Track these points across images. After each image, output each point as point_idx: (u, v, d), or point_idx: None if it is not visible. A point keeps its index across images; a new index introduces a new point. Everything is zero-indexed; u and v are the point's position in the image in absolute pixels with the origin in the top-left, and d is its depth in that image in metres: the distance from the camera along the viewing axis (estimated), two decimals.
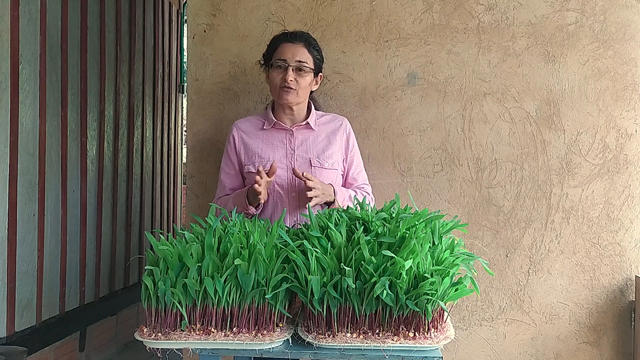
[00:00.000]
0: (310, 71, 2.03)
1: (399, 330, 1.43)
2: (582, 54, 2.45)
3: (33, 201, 2.85)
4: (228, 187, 2.11)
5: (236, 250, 1.47)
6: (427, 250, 1.46)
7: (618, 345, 2.47)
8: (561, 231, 2.46)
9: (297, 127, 2.08)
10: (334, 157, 2.07)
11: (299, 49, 2.02)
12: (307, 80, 2.03)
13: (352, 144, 2.14)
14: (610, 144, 2.45)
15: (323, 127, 2.11)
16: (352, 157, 2.13)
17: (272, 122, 2.08)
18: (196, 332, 1.46)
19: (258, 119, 2.14)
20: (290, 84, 1.98)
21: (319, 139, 2.08)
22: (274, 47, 2.05)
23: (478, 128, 2.47)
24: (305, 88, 2.04)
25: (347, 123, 2.15)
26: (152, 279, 1.46)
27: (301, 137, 2.07)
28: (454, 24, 2.46)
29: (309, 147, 2.06)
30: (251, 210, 1.97)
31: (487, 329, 2.47)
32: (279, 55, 2.02)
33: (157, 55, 4.47)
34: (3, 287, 2.63)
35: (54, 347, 3.04)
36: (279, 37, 2.08)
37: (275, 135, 2.08)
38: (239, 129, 2.12)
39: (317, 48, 2.07)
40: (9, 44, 2.66)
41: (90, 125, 3.39)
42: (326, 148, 2.07)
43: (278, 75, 2.01)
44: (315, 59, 2.05)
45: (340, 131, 2.12)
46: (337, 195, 1.98)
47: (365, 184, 2.17)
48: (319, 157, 2.05)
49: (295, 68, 2.00)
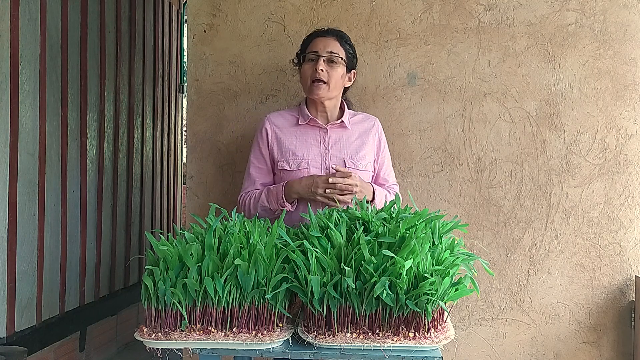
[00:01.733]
0: (342, 63, 2.01)
1: (399, 330, 1.43)
2: (582, 54, 2.45)
3: (33, 201, 2.85)
4: (259, 182, 2.07)
5: (236, 250, 1.47)
6: (427, 250, 1.46)
7: (618, 345, 2.47)
8: (561, 231, 2.46)
9: (331, 126, 2.06)
10: (367, 158, 2.05)
11: (330, 41, 2.01)
12: (338, 72, 2.00)
13: (383, 145, 2.13)
14: (610, 144, 2.45)
15: (356, 127, 2.09)
16: (383, 157, 2.12)
17: (307, 118, 2.05)
18: (196, 332, 1.46)
19: (291, 114, 2.11)
20: (321, 74, 1.97)
21: (352, 138, 2.06)
22: (307, 43, 2.05)
23: (478, 128, 2.47)
24: (337, 81, 2.01)
25: (378, 123, 2.14)
26: (152, 279, 1.46)
27: (335, 136, 2.05)
28: (454, 24, 2.47)
29: (342, 146, 2.05)
30: (287, 206, 1.94)
31: (487, 329, 2.47)
32: (311, 49, 2.02)
33: (157, 55, 4.47)
34: (3, 287, 2.63)
35: (54, 347, 3.04)
36: (311, 34, 2.08)
37: (310, 132, 2.05)
38: (272, 124, 2.08)
39: (349, 43, 2.06)
40: (9, 44, 2.66)
41: (90, 125, 3.39)
42: (360, 148, 2.05)
43: (310, 68, 2.00)
44: (347, 52, 2.03)
45: (372, 131, 2.11)
46: (376, 195, 1.97)
47: (395, 184, 2.17)
48: (352, 157, 2.03)
49: (327, 59, 1.98)
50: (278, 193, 1.96)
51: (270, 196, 1.98)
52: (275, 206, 1.95)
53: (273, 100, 2.49)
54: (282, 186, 1.97)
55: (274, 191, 1.97)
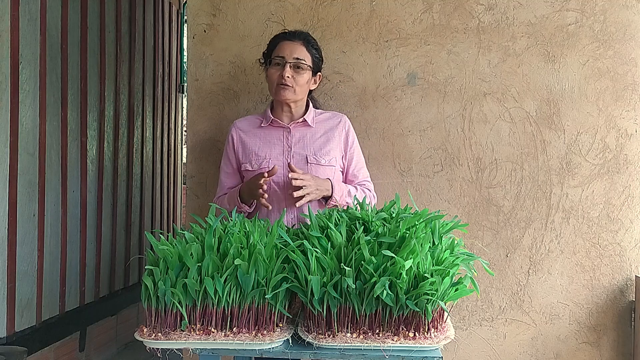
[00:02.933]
0: (308, 69, 2.04)
1: (399, 330, 1.43)
2: (582, 54, 2.45)
3: (33, 201, 2.85)
4: (227, 186, 2.12)
5: (236, 250, 1.47)
6: (427, 250, 1.46)
7: (618, 345, 2.47)
8: (561, 231, 2.46)
9: (294, 125, 2.08)
10: (331, 154, 2.07)
11: (297, 46, 2.03)
12: (304, 77, 2.03)
13: (351, 141, 2.13)
14: (610, 144, 2.45)
15: (321, 125, 2.11)
16: (351, 153, 2.13)
17: (269, 119, 2.09)
18: (196, 332, 1.46)
19: (257, 117, 2.16)
20: (287, 80, 1.99)
21: (316, 135, 2.09)
22: (274, 45, 2.07)
23: (478, 128, 2.47)
24: (303, 86, 2.04)
25: (346, 120, 2.15)
26: (152, 279, 1.46)
27: (298, 135, 2.08)
28: (454, 24, 2.47)
29: (306, 144, 2.07)
30: (244, 208, 1.98)
31: (487, 329, 2.47)
32: (277, 53, 2.04)
33: (157, 55, 4.47)
34: (3, 287, 2.63)
35: (54, 347, 3.04)
36: (278, 36, 2.09)
37: (273, 132, 2.09)
38: (238, 128, 2.13)
39: (316, 47, 2.08)
40: (9, 44, 2.66)
41: (90, 125, 3.39)
42: (324, 145, 2.07)
43: (276, 72, 2.02)
44: (313, 57, 2.06)
45: (339, 128, 2.12)
46: (334, 190, 1.97)
47: (366, 180, 2.16)
48: (315, 153, 2.05)
49: (293, 65, 2.01)
50: (235, 195, 2.00)
51: (230, 199, 2.02)
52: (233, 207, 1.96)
53: None
54: (238, 188, 2.01)
55: (233, 194, 2.02)
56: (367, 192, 2.11)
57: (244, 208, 1.98)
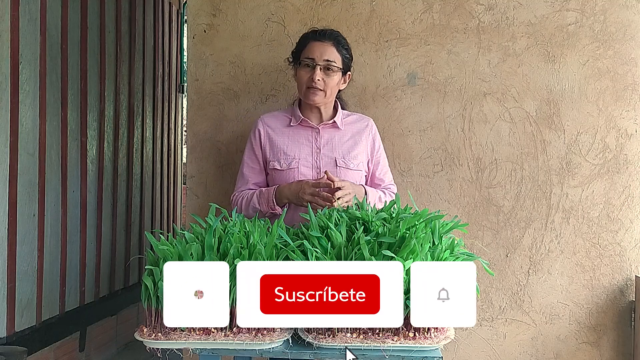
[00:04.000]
0: (338, 70, 2.01)
1: (398, 330, 1.43)
2: (582, 54, 2.45)
3: (33, 201, 2.85)
4: (251, 182, 2.09)
5: (236, 250, 1.47)
6: (427, 250, 1.46)
7: (618, 345, 2.47)
8: (561, 231, 2.46)
9: (323, 126, 2.06)
10: (359, 158, 2.06)
11: (327, 47, 1.99)
12: (334, 79, 2.01)
13: (378, 145, 2.13)
14: (610, 144, 2.45)
15: (349, 127, 2.10)
16: (378, 157, 2.12)
17: (299, 119, 2.06)
18: (196, 332, 1.45)
19: (284, 115, 2.13)
20: (317, 83, 1.97)
21: (344, 138, 2.07)
22: (303, 45, 2.03)
23: (478, 128, 2.47)
24: (333, 88, 2.02)
25: (372, 124, 2.14)
26: (152, 279, 1.46)
27: (327, 136, 2.06)
28: (454, 24, 2.47)
29: (334, 146, 2.05)
30: (277, 210, 1.96)
31: (487, 329, 2.47)
32: (307, 54, 2.00)
33: (157, 55, 4.47)
34: (3, 287, 2.63)
35: (54, 347, 3.04)
36: (307, 35, 2.05)
37: (302, 132, 2.07)
38: (265, 124, 2.09)
39: (346, 47, 2.05)
40: (9, 44, 2.66)
41: (90, 125, 3.39)
42: (352, 148, 2.06)
43: (305, 75, 1.99)
44: (343, 57, 2.03)
45: (366, 132, 2.11)
46: (368, 196, 1.97)
47: (391, 184, 2.16)
48: (344, 157, 2.04)
49: (323, 67, 1.98)
50: (269, 196, 1.97)
51: (262, 198, 1.99)
52: (265, 209, 1.96)
53: (273, 100, 2.49)
54: (274, 190, 1.98)
55: (266, 194, 1.99)
56: (393, 196, 2.09)
57: (276, 209, 1.96)
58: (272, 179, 2.06)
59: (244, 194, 2.06)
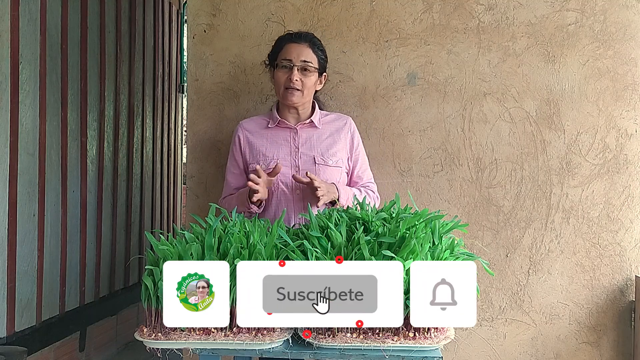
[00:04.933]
0: (315, 71, 2.05)
1: (399, 330, 1.43)
2: (582, 54, 2.45)
3: (33, 201, 2.85)
4: (233, 187, 2.12)
5: (236, 250, 1.47)
6: (427, 250, 1.46)
7: (618, 345, 2.47)
8: (561, 231, 2.46)
9: (301, 125, 2.09)
10: (338, 155, 2.08)
11: (303, 48, 2.03)
12: (311, 80, 2.04)
13: (356, 143, 2.15)
14: (610, 144, 2.45)
15: (327, 126, 2.13)
16: (357, 155, 2.14)
17: (276, 120, 2.09)
18: (196, 332, 1.46)
19: (263, 118, 2.16)
20: (296, 83, 2.00)
21: (323, 136, 2.10)
22: (279, 47, 2.07)
23: (478, 128, 2.47)
24: (310, 88, 2.05)
25: (351, 122, 2.17)
26: (152, 279, 1.46)
27: (305, 135, 2.09)
28: (454, 24, 2.47)
29: (313, 144, 2.08)
30: (253, 208, 1.98)
31: (487, 329, 2.47)
32: (284, 55, 2.04)
33: (157, 55, 4.47)
34: (3, 287, 2.63)
35: (54, 347, 3.04)
36: (283, 37, 2.09)
37: (280, 133, 2.09)
38: (244, 129, 2.13)
39: (321, 48, 2.09)
40: (9, 44, 2.66)
41: (90, 125, 3.39)
42: (330, 146, 2.09)
43: (283, 76, 2.03)
44: (319, 58, 2.07)
45: (344, 130, 2.13)
46: (340, 194, 1.98)
47: (370, 182, 2.18)
48: (322, 154, 2.06)
49: (300, 68, 2.01)
50: (244, 196, 1.99)
51: (239, 199, 2.01)
52: (242, 208, 1.97)
53: (273, 100, 2.48)
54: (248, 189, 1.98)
55: (243, 195, 2.00)
56: (370, 193, 2.12)
57: (252, 208, 1.98)
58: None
59: (226, 200, 2.10)
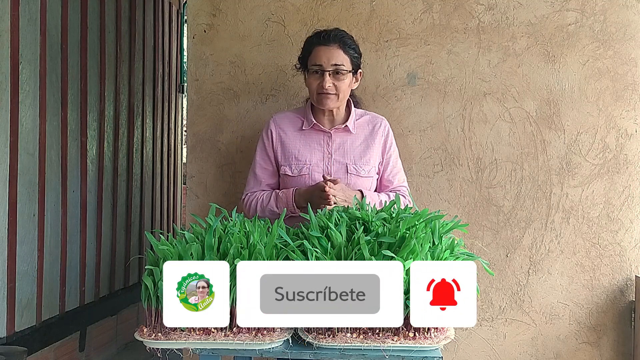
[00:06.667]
0: (348, 72, 1.97)
1: (399, 330, 1.43)
2: (582, 54, 2.45)
3: (33, 201, 2.85)
4: (264, 183, 2.07)
5: (236, 250, 1.47)
6: (427, 250, 1.46)
7: (618, 345, 2.47)
8: (561, 231, 2.46)
9: (335, 130, 2.04)
10: (371, 163, 2.04)
11: (333, 51, 1.94)
12: (345, 83, 1.97)
13: (389, 145, 2.09)
14: (610, 144, 2.45)
15: (361, 130, 2.07)
16: (388, 158, 2.09)
17: (311, 123, 2.04)
18: (196, 332, 1.46)
19: (297, 116, 2.09)
20: (329, 89, 1.94)
21: (356, 142, 2.05)
22: (308, 51, 1.99)
23: (478, 128, 2.47)
24: (345, 90, 1.99)
25: (386, 124, 2.11)
26: (152, 279, 1.46)
27: (339, 140, 2.04)
28: (454, 24, 2.47)
29: (346, 151, 2.04)
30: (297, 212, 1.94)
31: (487, 329, 2.47)
32: (313, 61, 1.96)
33: (157, 55, 4.47)
34: (3, 287, 2.63)
35: (54, 347, 3.04)
36: (312, 40, 2.00)
37: (314, 136, 2.05)
38: (278, 126, 2.07)
39: (353, 46, 2.00)
40: (9, 44, 2.66)
41: (90, 125, 3.39)
42: (364, 153, 2.04)
43: (315, 82, 1.96)
44: (352, 58, 1.98)
45: (379, 133, 2.08)
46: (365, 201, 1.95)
47: (402, 185, 2.12)
48: (355, 162, 2.02)
49: (332, 72, 1.94)
50: (288, 200, 1.96)
51: (279, 202, 1.98)
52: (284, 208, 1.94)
53: (273, 100, 2.49)
54: (292, 193, 1.96)
55: (284, 198, 1.97)
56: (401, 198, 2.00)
57: (297, 212, 1.94)
58: (284, 183, 2.05)
59: (258, 195, 2.05)
